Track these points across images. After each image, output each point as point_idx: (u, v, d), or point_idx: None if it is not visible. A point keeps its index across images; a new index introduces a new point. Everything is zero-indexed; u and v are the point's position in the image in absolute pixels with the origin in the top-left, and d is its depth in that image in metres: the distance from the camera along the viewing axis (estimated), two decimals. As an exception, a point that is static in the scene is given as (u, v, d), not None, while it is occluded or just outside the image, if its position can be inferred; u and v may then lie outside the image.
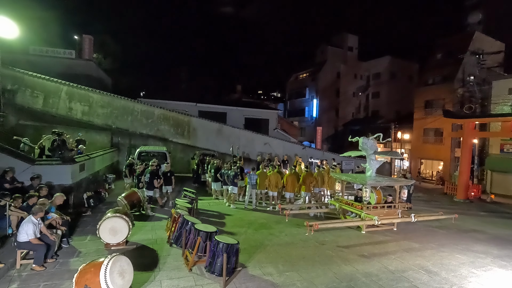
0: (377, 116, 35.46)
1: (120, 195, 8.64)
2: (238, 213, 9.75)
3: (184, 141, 18.30)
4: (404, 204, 9.57)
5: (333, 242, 7.37)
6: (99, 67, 24.33)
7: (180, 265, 5.67)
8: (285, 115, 43.42)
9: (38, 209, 5.44)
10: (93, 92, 16.75)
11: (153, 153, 13.43)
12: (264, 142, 19.83)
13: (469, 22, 28.38)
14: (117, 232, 6.14)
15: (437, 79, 25.51)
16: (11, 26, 10.91)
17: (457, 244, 7.67)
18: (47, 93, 15.94)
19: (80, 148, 11.46)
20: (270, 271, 5.59)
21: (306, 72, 42.20)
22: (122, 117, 17.15)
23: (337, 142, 35.24)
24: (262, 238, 7.43)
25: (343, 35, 41.94)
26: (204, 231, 5.44)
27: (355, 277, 5.50)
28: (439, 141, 24.56)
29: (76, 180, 9.56)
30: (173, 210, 6.96)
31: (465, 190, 15.22)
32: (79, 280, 3.90)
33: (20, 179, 7.97)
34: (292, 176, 10.78)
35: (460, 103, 21.01)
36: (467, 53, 21.49)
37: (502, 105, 18.59)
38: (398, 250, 7.01)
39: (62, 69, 19.36)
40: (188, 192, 9.28)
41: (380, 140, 9.95)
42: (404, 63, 36.16)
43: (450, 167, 22.95)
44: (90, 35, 23.42)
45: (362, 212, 8.35)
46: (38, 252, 5.24)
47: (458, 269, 6.09)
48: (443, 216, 9.23)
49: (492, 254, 7.05)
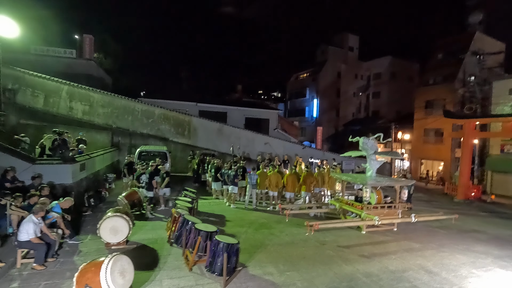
0: (378, 116, 35.43)
1: (121, 195, 8.64)
2: (238, 213, 9.75)
3: (184, 141, 18.30)
4: (405, 204, 9.56)
5: (334, 242, 7.37)
6: (100, 66, 24.32)
7: (181, 264, 5.68)
8: (286, 115, 43.39)
9: (38, 208, 5.44)
10: (93, 91, 16.76)
11: (153, 153, 13.43)
12: (265, 142, 19.83)
13: (470, 22, 28.29)
14: (118, 232, 6.14)
15: (437, 79, 25.47)
16: (12, 25, 10.93)
17: (458, 244, 7.66)
18: (47, 93, 15.97)
19: (81, 147, 11.47)
20: (271, 271, 5.59)
21: (307, 72, 42.19)
22: (122, 117, 17.17)
23: (338, 142, 35.19)
24: (262, 238, 7.43)
25: (344, 35, 41.92)
26: (205, 230, 5.44)
27: (356, 277, 5.50)
28: (439, 141, 24.53)
29: (76, 180, 9.57)
30: (174, 210, 6.96)
31: (466, 190, 15.22)
32: (80, 279, 3.90)
33: (21, 179, 7.97)
34: (293, 176, 10.78)
35: (461, 104, 21.00)
36: (467, 53, 21.51)
37: (502, 105, 18.57)
38: (399, 250, 7.01)
39: (62, 69, 19.37)
40: (188, 191, 9.28)
41: (381, 140, 9.94)
42: (404, 63, 36.11)
43: (451, 168, 22.93)
44: (91, 34, 23.44)
45: (362, 212, 8.35)
46: (39, 251, 5.25)
47: (459, 270, 6.09)
48: (443, 217, 9.23)
49: (493, 255, 7.04)
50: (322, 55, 41.15)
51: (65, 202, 6.72)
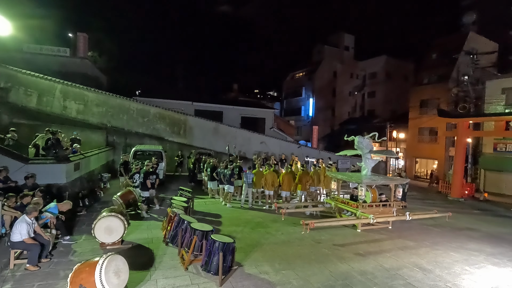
0: (373, 115, 35.67)
1: (116, 194, 8.58)
2: (234, 212, 9.75)
3: (180, 140, 18.22)
4: (399, 202, 9.65)
5: (329, 240, 7.41)
6: (95, 65, 24.13)
7: (176, 264, 5.66)
8: (282, 114, 43.46)
9: (31, 208, 5.39)
10: (88, 90, 16.59)
11: (148, 152, 13.36)
12: (260, 141, 19.83)
13: (464, 22, 28.59)
14: (113, 231, 6.10)
15: (432, 78, 25.70)
16: (4, 23, 10.78)
17: (451, 242, 7.76)
18: (41, 92, 15.76)
19: (75, 147, 11.36)
20: (266, 270, 5.61)
21: (303, 71, 42.29)
22: (117, 116, 17.03)
23: (333, 141, 35.30)
24: (258, 237, 7.44)
25: (340, 34, 42.10)
26: (200, 230, 5.44)
27: (351, 275, 5.54)
28: (433, 140, 24.78)
29: (70, 179, 9.48)
30: (169, 209, 6.94)
31: (459, 188, 15.40)
32: (74, 279, 3.87)
33: (14, 178, 7.87)
34: (288, 175, 10.81)
35: (455, 103, 21.18)
36: (461, 53, 21.69)
37: (495, 104, 18.81)
38: (393, 248, 7.07)
39: (56, 67, 19.19)
40: (184, 191, 9.24)
41: (376, 139, 10.01)
42: (399, 62, 36.40)
43: (445, 166, 23.17)
44: (85, 33, 23.23)
45: (357, 210, 8.41)
46: (32, 252, 5.19)
47: (452, 267, 6.16)
48: (437, 214, 9.35)
49: (486, 252, 7.14)
50: (318, 54, 41.28)
51: (63, 204, 6.68)
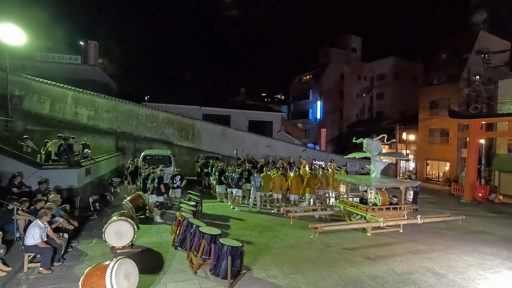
0: (382, 117, 35.24)
1: (125, 199, 8.70)
2: (242, 216, 9.75)
3: (188, 144, 18.39)
4: (410, 205, 9.47)
5: (339, 244, 7.32)
6: (104, 72, 24.64)
7: (185, 268, 5.69)
8: (289, 117, 43.35)
9: (43, 213, 5.51)
10: (98, 97, 16.96)
11: (157, 157, 13.50)
12: (266, 144, 19.80)
13: (474, 21, 28.05)
14: (123, 236, 6.18)
15: (442, 79, 25.26)
16: (19, 33, 11.14)
17: (465, 246, 7.56)
18: (53, 99, 16.20)
19: (86, 152, 11.58)
20: (275, 274, 5.57)
21: (310, 74, 42.17)
22: (127, 121, 17.32)
23: (342, 144, 35.05)
24: (266, 240, 7.42)
25: (347, 36, 41.90)
26: (209, 234, 5.45)
27: (361, 280, 5.46)
28: (445, 141, 24.27)
29: (82, 184, 9.67)
30: (178, 213, 6.99)
31: (472, 191, 15.02)
32: (85, 283, 3.93)
33: (27, 184, 8.09)
34: (297, 178, 10.75)
35: (466, 103, 20.76)
36: (472, 53, 21.27)
37: (508, 104, 18.34)
38: (405, 252, 6.93)
39: (68, 75, 19.68)
40: (193, 195, 9.29)
41: (385, 141, 9.87)
42: (408, 63, 35.93)
43: (457, 168, 22.65)
44: (95, 41, 23.78)
45: (367, 214, 8.29)
46: (45, 256, 5.31)
47: (466, 271, 6.00)
48: (450, 218, 9.11)
49: (501, 256, 6.93)
50: (325, 57, 41.16)
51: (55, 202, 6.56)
